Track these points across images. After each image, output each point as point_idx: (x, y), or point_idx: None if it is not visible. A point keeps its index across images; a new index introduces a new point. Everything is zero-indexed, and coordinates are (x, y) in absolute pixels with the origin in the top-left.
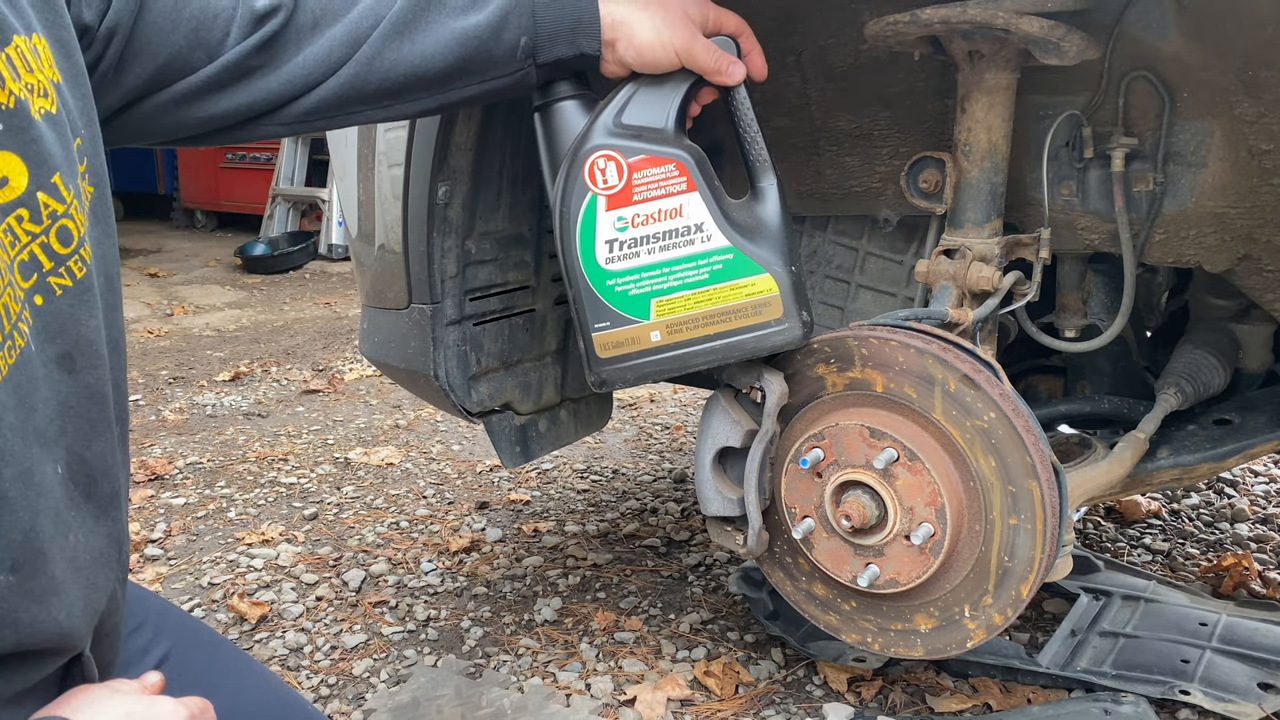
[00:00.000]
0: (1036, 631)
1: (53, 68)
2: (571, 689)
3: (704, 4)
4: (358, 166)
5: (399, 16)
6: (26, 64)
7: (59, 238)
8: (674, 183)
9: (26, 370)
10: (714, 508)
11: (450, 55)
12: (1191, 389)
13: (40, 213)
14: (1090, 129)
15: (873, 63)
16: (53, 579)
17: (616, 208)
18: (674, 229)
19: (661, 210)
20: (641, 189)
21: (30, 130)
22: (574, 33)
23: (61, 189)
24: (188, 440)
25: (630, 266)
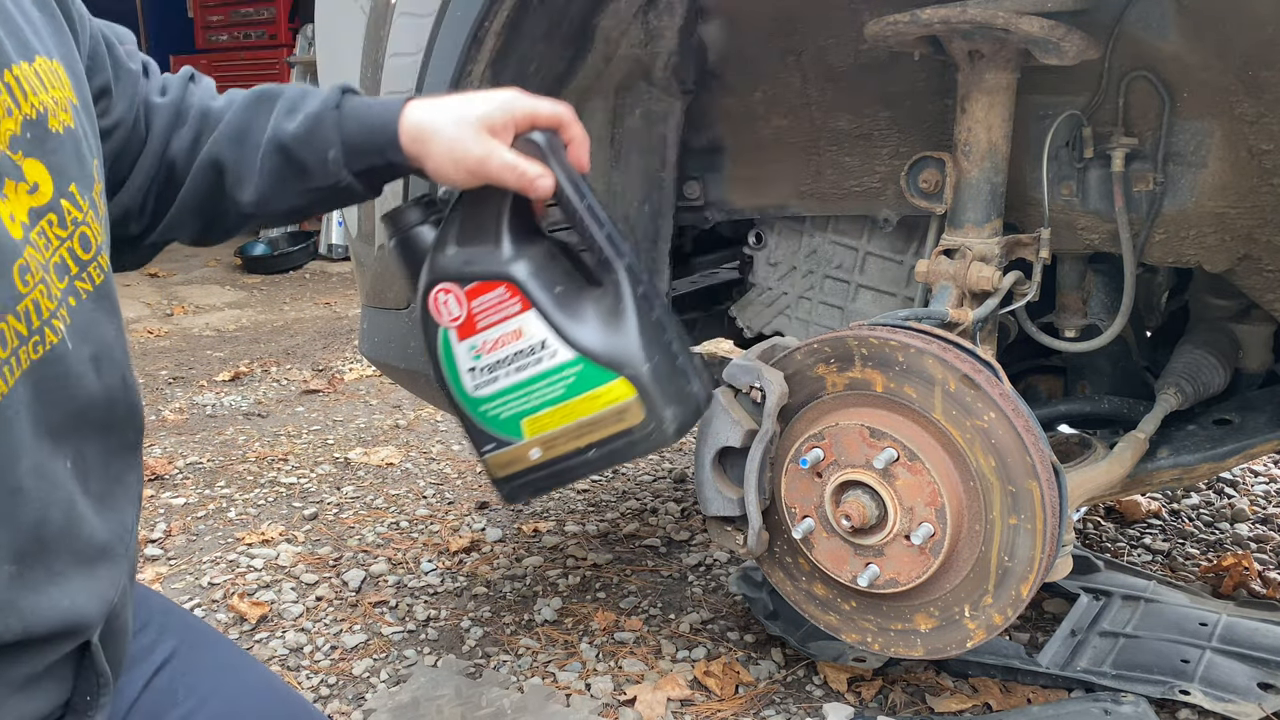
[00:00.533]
0: (1036, 631)
1: (70, 91)
2: (571, 689)
3: (511, 101)
4: None
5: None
6: (49, 81)
7: (80, 243)
8: (509, 305)
9: (55, 367)
10: (714, 508)
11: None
12: (1191, 389)
13: (65, 218)
14: (1090, 129)
15: (873, 63)
16: (53, 571)
17: (467, 337)
18: (521, 350)
19: (504, 334)
20: (482, 316)
21: (49, 140)
22: (378, 147)
23: (78, 197)
24: (188, 440)
25: (494, 391)
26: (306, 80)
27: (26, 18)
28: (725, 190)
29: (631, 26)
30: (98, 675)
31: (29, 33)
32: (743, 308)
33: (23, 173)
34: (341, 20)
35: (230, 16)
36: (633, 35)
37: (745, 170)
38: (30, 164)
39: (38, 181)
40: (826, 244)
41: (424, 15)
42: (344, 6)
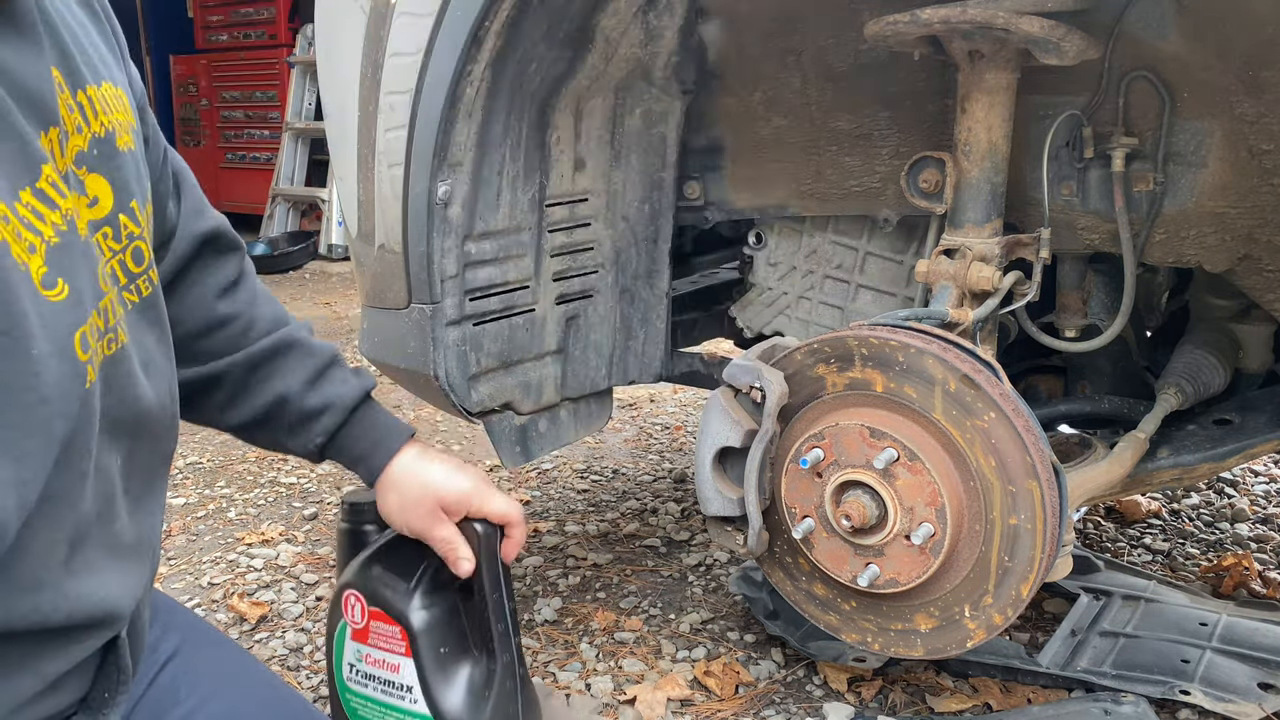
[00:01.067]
0: (1036, 631)
1: (132, 116)
2: (571, 689)
3: (472, 493)
4: (357, 166)
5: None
6: (116, 105)
7: (133, 257)
8: (396, 644)
9: (121, 365)
10: (714, 508)
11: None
12: (1192, 389)
13: (121, 232)
14: (1090, 129)
15: (873, 63)
16: (90, 561)
17: (358, 641)
18: (392, 681)
19: (386, 661)
20: (375, 636)
21: (116, 159)
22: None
23: (137, 213)
24: (188, 440)
25: (361, 693)
26: (306, 80)
27: (94, 46)
28: (725, 190)
29: (631, 26)
30: (119, 671)
31: (97, 59)
32: (743, 308)
33: (85, 187)
34: (341, 20)
35: (230, 16)
36: (633, 35)
37: (745, 170)
38: (94, 179)
39: (98, 195)
40: (826, 244)
41: (424, 15)
42: (344, 6)
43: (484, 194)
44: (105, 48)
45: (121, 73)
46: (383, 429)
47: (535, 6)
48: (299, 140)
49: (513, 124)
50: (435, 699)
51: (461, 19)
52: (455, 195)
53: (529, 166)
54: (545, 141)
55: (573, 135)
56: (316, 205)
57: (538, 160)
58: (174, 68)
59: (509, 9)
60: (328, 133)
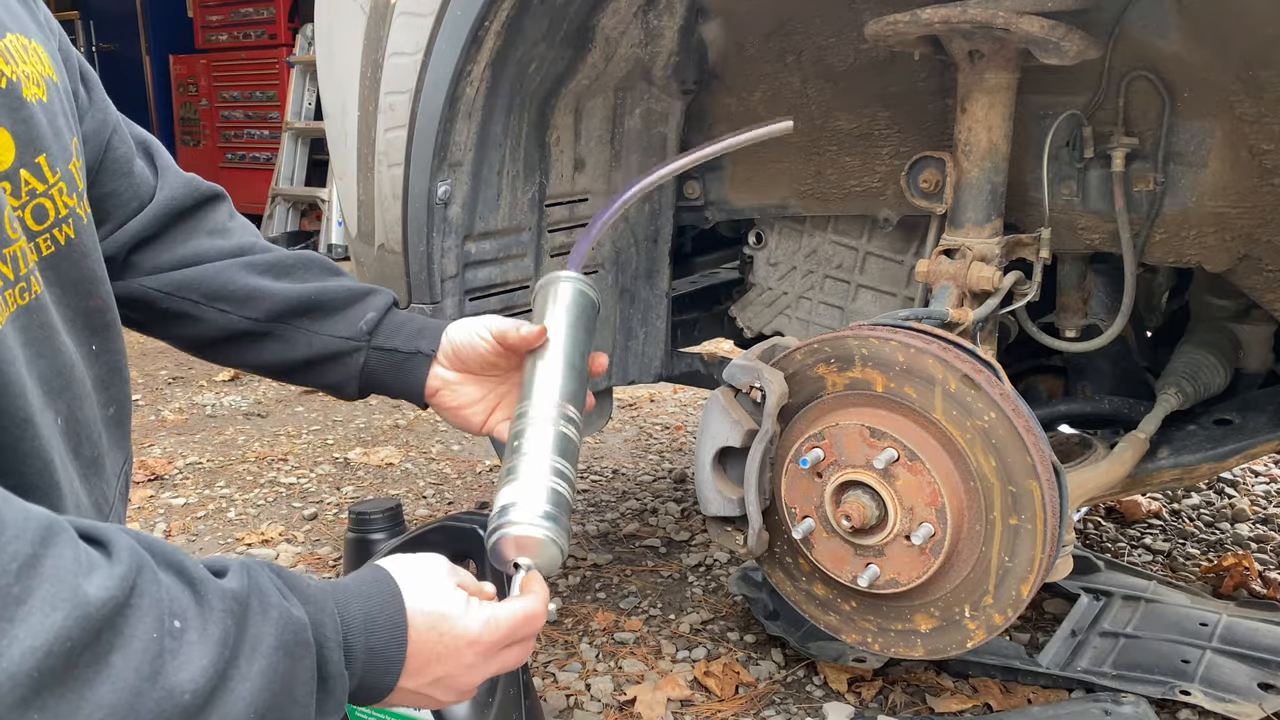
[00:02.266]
0: (1037, 631)
1: (51, 67)
2: (571, 689)
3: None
4: (357, 166)
5: (278, 261)
6: (23, 55)
7: (34, 214)
8: None
9: (38, 316)
10: (714, 508)
11: (299, 295)
12: (1192, 389)
13: (20, 188)
14: (1090, 129)
15: (873, 63)
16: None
17: None
18: None
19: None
20: None
21: (22, 110)
22: (420, 335)
23: (45, 169)
24: (187, 440)
25: None
26: (306, 80)
27: (3, 4)
28: (725, 190)
29: (631, 26)
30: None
31: (1, 12)
32: (743, 308)
33: None
34: (341, 20)
35: (230, 16)
36: (633, 35)
37: (745, 170)
38: None
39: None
40: (826, 244)
41: (424, 15)
42: (344, 6)
43: (484, 194)
44: (18, 5)
45: (35, 24)
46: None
47: (535, 6)
48: (299, 140)
49: (513, 124)
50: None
51: (461, 19)
52: (455, 195)
53: (529, 166)
54: (545, 141)
55: (573, 135)
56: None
57: (538, 160)
58: (174, 68)
59: (509, 9)
60: (328, 133)
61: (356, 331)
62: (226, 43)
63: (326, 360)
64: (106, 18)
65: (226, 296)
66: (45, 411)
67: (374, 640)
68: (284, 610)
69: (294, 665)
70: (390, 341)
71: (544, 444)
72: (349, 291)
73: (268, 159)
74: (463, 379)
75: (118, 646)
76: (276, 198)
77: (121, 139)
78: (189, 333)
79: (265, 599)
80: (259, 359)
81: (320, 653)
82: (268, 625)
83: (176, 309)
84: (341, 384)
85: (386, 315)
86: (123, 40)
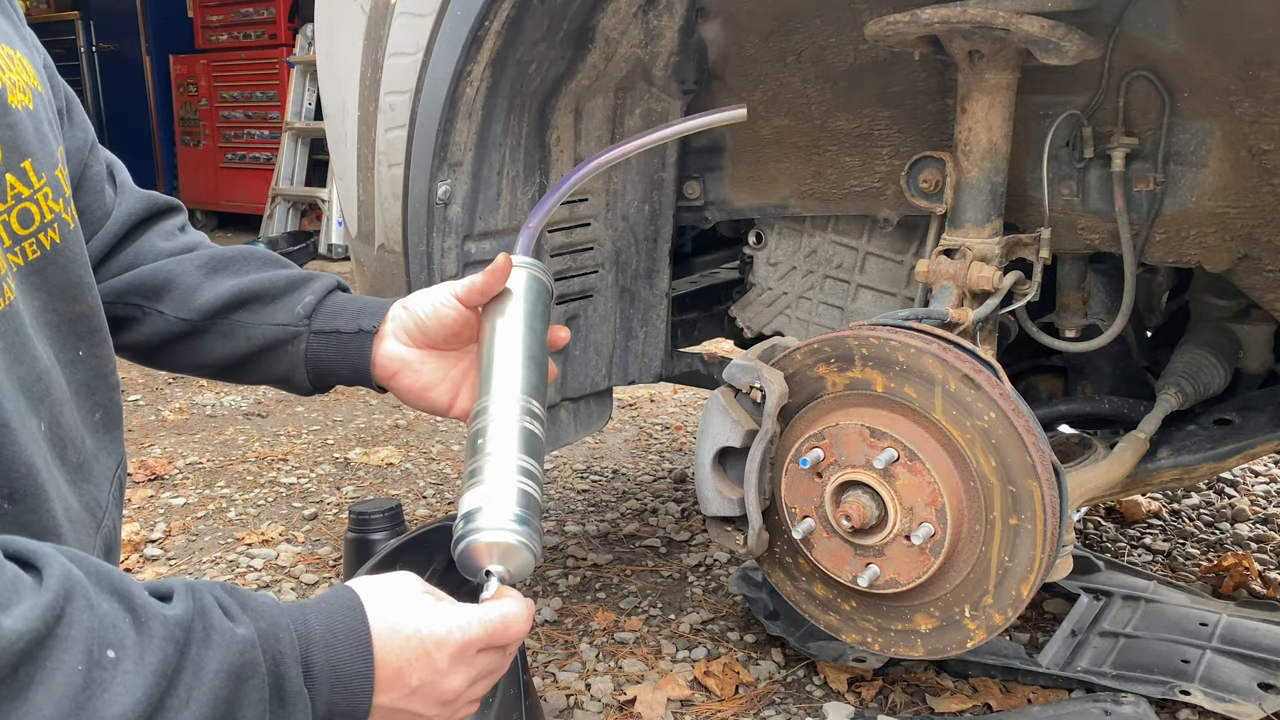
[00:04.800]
0: (1037, 631)
1: (36, 79)
2: (571, 689)
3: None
4: (357, 166)
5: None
6: (8, 64)
7: (19, 218)
8: None
9: (12, 322)
10: (714, 508)
11: (235, 289)
12: (1192, 389)
13: (6, 193)
14: (1090, 129)
15: (873, 63)
16: (53, 518)
17: None
18: None
19: None
20: None
21: (6, 116)
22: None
23: (30, 174)
24: (187, 440)
25: None
26: (306, 80)
27: None
28: (725, 190)
29: (631, 26)
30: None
31: None
32: (743, 308)
33: None
34: (341, 20)
35: (230, 16)
36: (633, 35)
37: (745, 170)
38: None
39: None
40: (826, 244)
41: (424, 15)
42: (344, 6)
43: (484, 194)
44: (4, 22)
45: (20, 40)
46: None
47: (535, 6)
48: (299, 140)
49: (513, 124)
50: None
51: (461, 19)
52: (455, 195)
53: (529, 166)
54: (545, 141)
55: (573, 135)
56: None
57: (538, 160)
58: (174, 68)
59: (509, 9)
60: (328, 133)
61: (294, 317)
62: (226, 43)
63: (267, 351)
64: (106, 18)
65: (164, 296)
66: (27, 417)
67: (338, 655)
68: (229, 632)
69: (239, 688)
70: (332, 323)
71: (508, 442)
72: (288, 279)
73: (268, 159)
74: (424, 356)
75: (38, 681)
76: (276, 198)
77: (97, 159)
78: (131, 338)
79: (209, 621)
80: (202, 359)
81: (276, 670)
82: (210, 649)
83: (121, 314)
84: (289, 375)
85: (327, 298)
86: (123, 40)
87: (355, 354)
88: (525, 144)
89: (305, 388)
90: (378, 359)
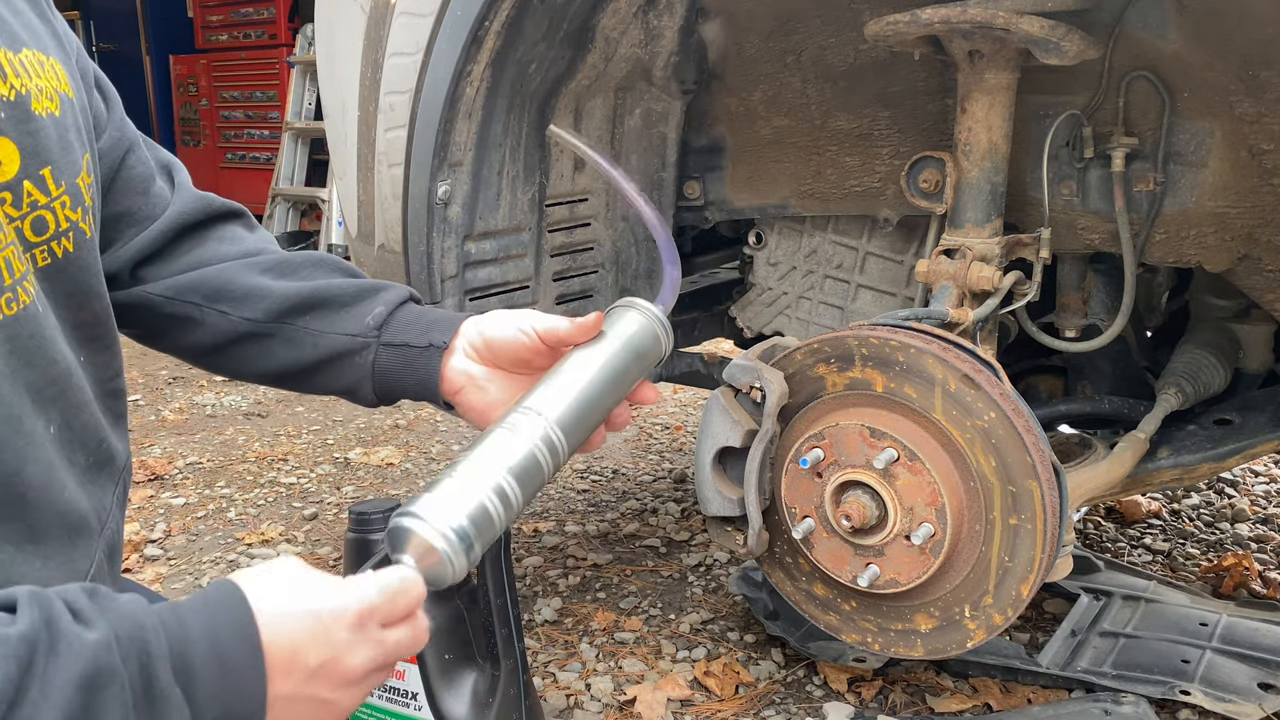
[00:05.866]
0: (1036, 631)
1: (67, 84)
2: (571, 689)
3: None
4: (357, 166)
5: (284, 260)
6: (38, 70)
7: (33, 226)
8: None
9: (28, 326)
10: (714, 508)
11: (304, 293)
12: (1192, 389)
13: (22, 199)
14: (1090, 129)
15: (873, 63)
16: (32, 528)
17: None
18: (397, 687)
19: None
20: None
21: (30, 123)
22: (434, 327)
23: (49, 182)
24: (187, 440)
25: (367, 701)
26: (306, 80)
27: (21, 20)
28: (725, 190)
29: (631, 26)
30: None
31: (18, 27)
32: (743, 308)
33: None
34: (341, 20)
35: (230, 16)
36: (633, 35)
37: (745, 170)
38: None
39: (1, 160)
40: (826, 244)
41: (424, 15)
42: (344, 6)
43: (484, 194)
44: (39, 21)
45: (57, 45)
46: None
47: (535, 6)
48: (299, 140)
49: (513, 124)
50: (439, 705)
51: (461, 19)
52: (455, 195)
53: (529, 166)
54: (545, 141)
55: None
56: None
57: (538, 160)
58: (174, 68)
59: (509, 9)
60: (328, 133)
61: (364, 328)
62: (226, 43)
63: (334, 361)
64: (106, 18)
65: (227, 297)
66: (35, 419)
67: (222, 648)
68: (78, 640)
69: (95, 699)
70: (401, 336)
71: (505, 459)
72: (358, 288)
73: (268, 159)
74: (491, 375)
75: None
76: (276, 198)
77: (140, 159)
78: (191, 339)
79: (56, 630)
80: (265, 364)
81: (145, 672)
82: (56, 662)
83: (179, 313)
84: (355, 386)
85: (399, 309)
86: (123, 40)
87: (424, 369)
88: (525, 144)
89: (370, 400)
90: (445, 373)
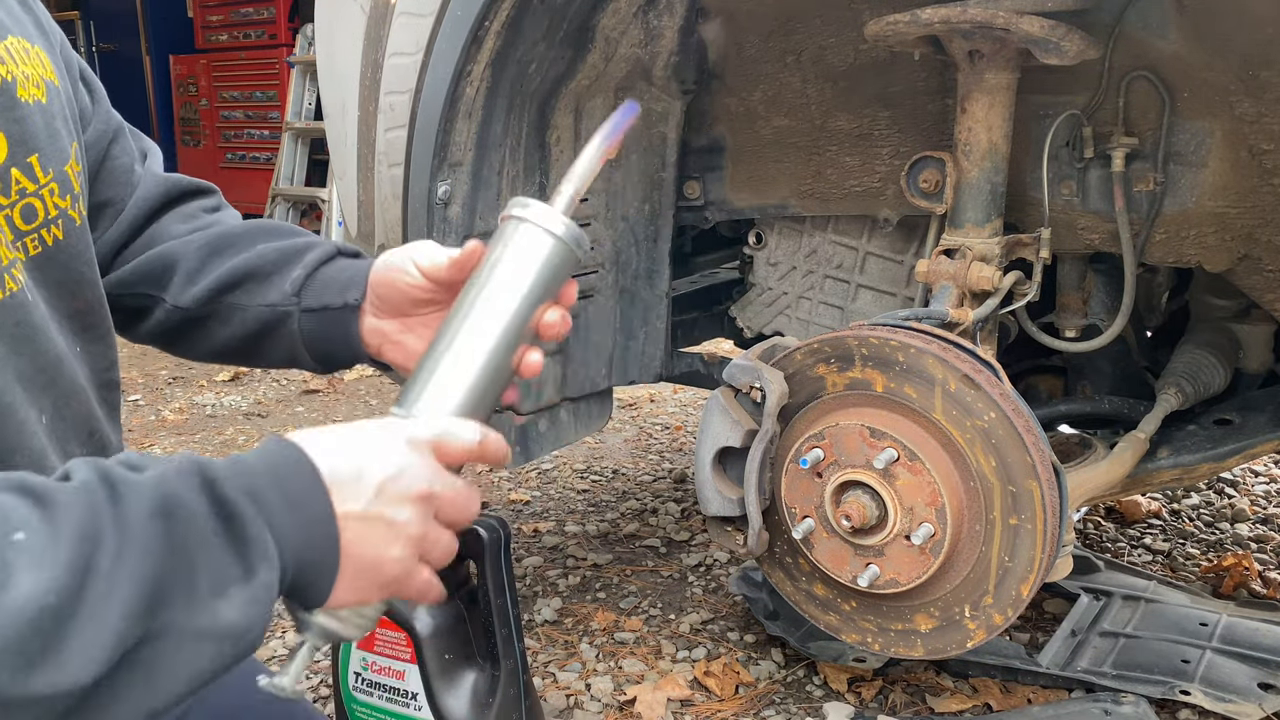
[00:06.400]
0: (1037, 631)
1: (53, 72)
2: (572, 689)
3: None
4: (358, 166)
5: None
6: (23, 58)
7: (22, 213)
8: (401, 650)
9: (17, 313)
10: (714, 508)
11: (228, 270)
12: (1192, 389)
13: (10, 187)
14: (1090, 129)
15: (873, 63)
16: None
17: (364, 649)
18: (397, 688)
19: (391, 668)
20: (380, 643)
21: (15, 110)
22: (351, 286)
23: (36, 169)
24: (187, 440)
25: (366, 702)
26: (306, 80)
27: (4, 8)
28: (725, 190)
29: (631, 26)
30: None
31: (2, 14)
32: (743, 308)
33: None
34: (341, 20)
35: (230, 16)
36: (633, 35)
37: (745, 170)
38: None
39: None
40: (826, 244)
41: (424, 15)
42: (344, 6)
43: (484, 194)
44: (20, 9)
45: (41, 35)
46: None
47: (535, 6)
48: (299, 140)
49: (513, 124)
50: (439, 706)
51: (461, 19)
52: (455, 195)
53: (529, 166)
54: (545, 141)
55: (573, 135)
56: (316, 205)
57: (538, 160)
58: (174, 68)
59: (509, 9)
60: (328, 133)
61: (283, 295)
62: (226, 43)
63: (265, 333)
64: (106, 18)
65: (168, 282)
66: (28, 408)
67: (279, 470)
68: (133, 481)
69: (172, 526)
70: (321, 298)
71: None
72: (279, 252)
73: (268, 159)
74: (399, 326)
75: None
76: (276, 198)
77: (123, 149)
78: (149, 329)
79: (113, 479)
80: (209, 344)
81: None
82: (131, 496)
83: (131, 304)
84: (295, 356)
85: (319, 270)
86: (123, 40)
87: (344, 330)
88: (525, 144)
89: (315, 368)
90: (363, 334)
